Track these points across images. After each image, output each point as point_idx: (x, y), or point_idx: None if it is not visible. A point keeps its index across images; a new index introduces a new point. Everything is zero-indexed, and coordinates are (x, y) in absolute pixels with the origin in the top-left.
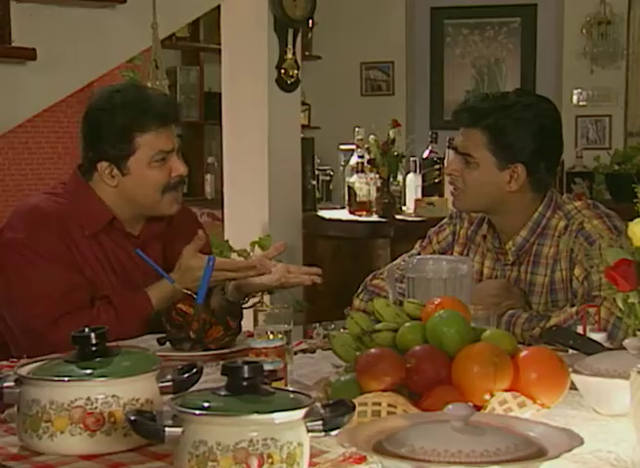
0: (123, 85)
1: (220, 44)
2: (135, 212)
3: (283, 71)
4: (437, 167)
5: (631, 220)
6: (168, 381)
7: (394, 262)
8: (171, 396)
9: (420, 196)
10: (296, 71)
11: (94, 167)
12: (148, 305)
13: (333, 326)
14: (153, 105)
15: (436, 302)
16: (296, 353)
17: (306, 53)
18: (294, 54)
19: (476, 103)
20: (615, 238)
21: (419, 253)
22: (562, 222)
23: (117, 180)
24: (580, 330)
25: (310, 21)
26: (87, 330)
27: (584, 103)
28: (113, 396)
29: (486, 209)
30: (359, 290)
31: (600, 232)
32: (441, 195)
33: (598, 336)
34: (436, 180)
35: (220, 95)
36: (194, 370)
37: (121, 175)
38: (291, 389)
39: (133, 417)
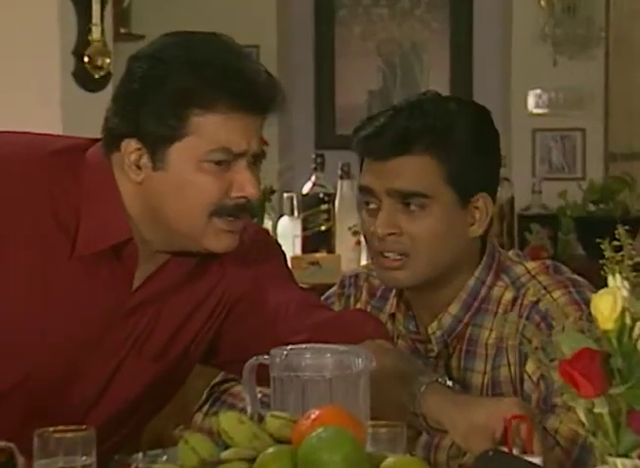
0: (207, 36)
1: None
2: (159, 236)
3: (86, 60)
4: (325, 207)
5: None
6: None
7: (255, 356)
8: None
9: (299, 252)
10: (105, 59)
11: (116, 144)
12: None
13: (165, 456)
14: (240, 75)
15: (314, 416)
16: None
17: (122, 30)
18: (102, 33)
19: (410, 121)
20: (585, 318)
21: None
22: (508, 293)
23: (144, 175)
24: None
25: None
26: None
27: (545, 111)
28: None
29: (440, 274)
30: (202, 398)
31: (564, 309)
32: (331, 250)
33: (536, 460)
34: (323, 228)
35: None
36: None
37: (152, 167)
38: None
39: None
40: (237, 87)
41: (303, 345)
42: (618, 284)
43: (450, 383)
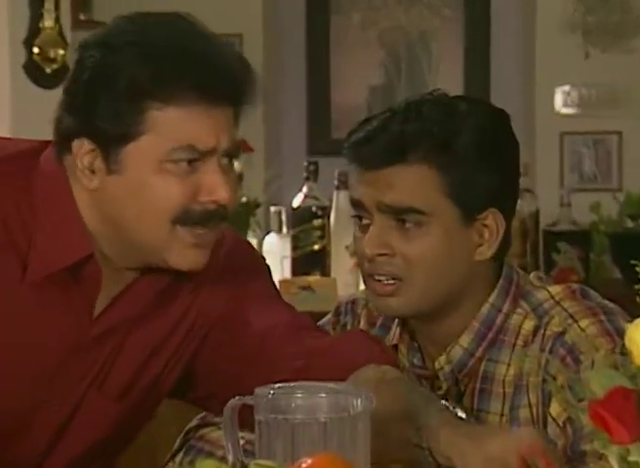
0: (165, 17)
1: None
2: (121, 250)
3: (37, 51)
4: (318, 223)
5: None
6: None
7: (238, 395)
8: None
9: (288, 274)
10: (59, 51)
11: (67, 144)
12: None
13: None
14: (203, 61)
15: (305, 465)
16: None
17: (82, 16)
18: (56, 19)
19: (405, 125)
20: (619, 351)
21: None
22: (529, 322)
23: (97, 180)
24: None
25: None
26: None
27: (575, 110)
28: None
29: (445, 301)
30: (175, 446)
31: (593, 340)
32: (325, 273)
33: None
34: (316, 247)
35: None
36: None
37: (106, 170)
38: None
39: None
40: (199, 75)
41: (292, 383)
42: None
43: (463, 415)
